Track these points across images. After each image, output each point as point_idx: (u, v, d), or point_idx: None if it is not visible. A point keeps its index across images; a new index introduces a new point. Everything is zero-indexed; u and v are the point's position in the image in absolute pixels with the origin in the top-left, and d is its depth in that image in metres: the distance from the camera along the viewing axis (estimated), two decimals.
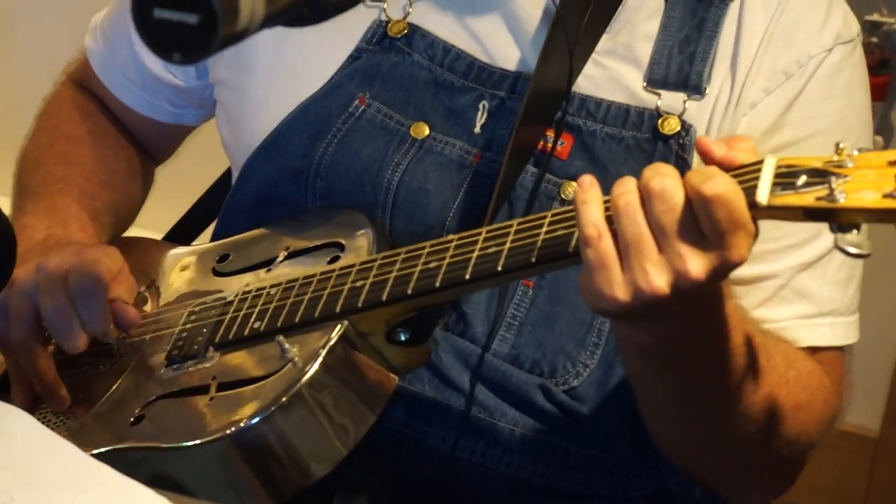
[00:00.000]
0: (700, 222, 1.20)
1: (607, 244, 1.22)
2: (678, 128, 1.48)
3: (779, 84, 1.49)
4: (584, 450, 1.50)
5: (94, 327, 1.49)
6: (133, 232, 1.78)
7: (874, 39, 2.65)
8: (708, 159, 1.24)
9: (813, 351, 1.49)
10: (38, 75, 1.94)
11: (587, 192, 1.24)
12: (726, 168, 1.22)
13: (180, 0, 1.05)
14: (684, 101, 1.49)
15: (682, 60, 1.50)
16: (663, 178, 1.21)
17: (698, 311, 1.28)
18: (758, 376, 1.37)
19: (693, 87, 1.49)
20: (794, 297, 1.49)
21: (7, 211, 1.39)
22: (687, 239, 1.20)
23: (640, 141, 1.49)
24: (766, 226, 1.25)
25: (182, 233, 1.81)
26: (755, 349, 1.37)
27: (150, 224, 1.86)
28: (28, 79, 1.85)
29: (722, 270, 1.21)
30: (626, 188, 1.23)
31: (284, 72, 1.58)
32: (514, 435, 1.48)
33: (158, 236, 1.79)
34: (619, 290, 1.22)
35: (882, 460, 3.00)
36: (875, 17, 2.67)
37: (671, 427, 1.45)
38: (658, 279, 1.20)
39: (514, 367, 1.48)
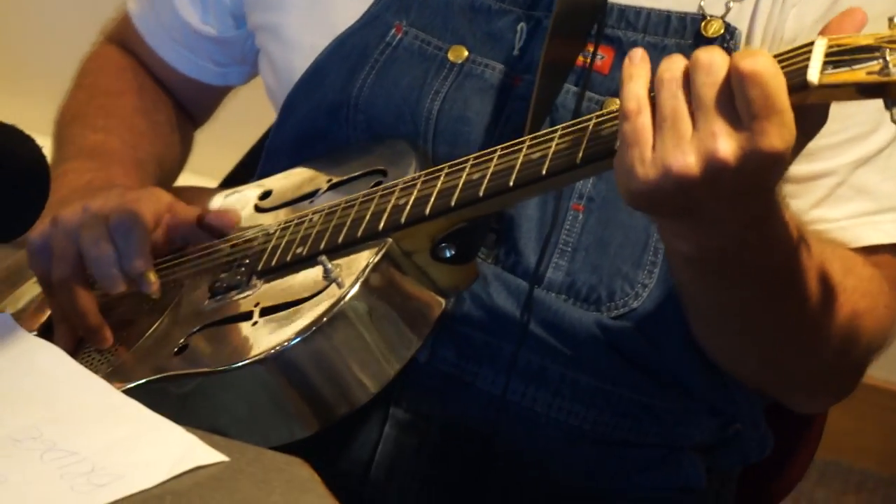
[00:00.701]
0: (736, 100, 1.16)
1: (645, 119, 1.20)
2: (722, 30, 1.44)
3: None
4: (636, 396, 1.47)
5: (129, 265, 1.45)
6: (188, 178, 1.78)
7: None
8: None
9: (870, 252, 1.44)
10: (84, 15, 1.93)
11: (636, 66, 1.22)
12: None
13: None
14: (727, 3, 1.45)
15: None
16: (712, 52, 1.18)
17: (742, 221, 1.24)
18: (814, 285, 1.33)
19: None
20: (853, 195, 1.45)
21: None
22: (722, 116, 1.17)
23: (683, 48, 1.45)
24: None
25: (238, 179, 1.79)
26: (812, 258, 1.32)
27: (207, 170, 1.84)
28: (73, 19, 1.83)
29: (752, 157, 1.17)
30: (673, 63, 1.20)
31: (318, 7, 1.56)
32: (564, 379, 1.45)
33: (215, 183, 1.78)
34: (649, 168, 1.19)
35: None
36: None
37: (720, 338, 1.42)
38: (688, 157, 1.17)
39: (569, 304, 1.44)
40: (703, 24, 1.45)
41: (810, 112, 1.19)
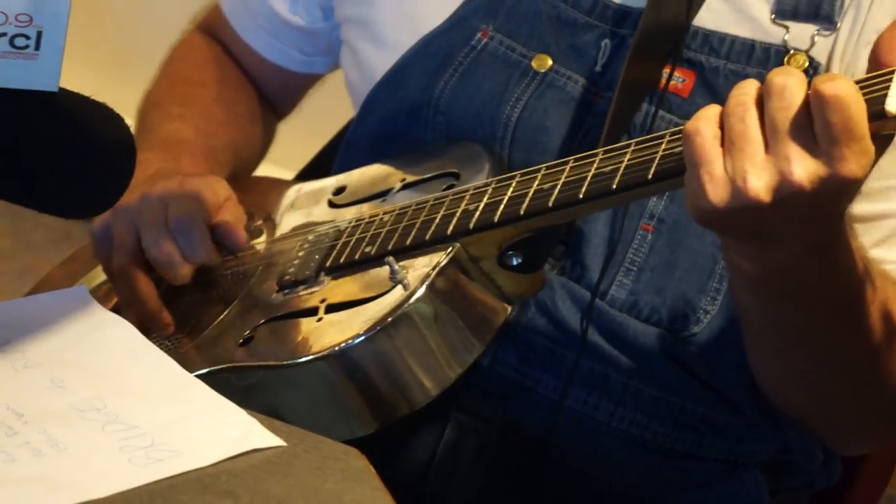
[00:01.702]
0: (814, 125, 1.16)
1: (707, 138, 1.19)
2: (806, 65, 1.44)
3: None
4: (699, 409, 1.46)
5: (195, 257, 1.49)
6: (265, 167, 1.80)
7: None
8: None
9: None
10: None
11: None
12: None
13: None
14: (813, 36, 1.45)
15: None
16: (787, 76, 1.18)
17: (809, 244, 1.24)
18: (876, 320, 1.33)
19: (825, 17, 1.45)
20: None
21: None
22: (797, 140, 1.16)
23: (765, 78, 1.45)
24: (888, 162, 1.21)
25: (315, 172, 1.80)
26: (876, 293, 1.32)
27: (284, 161, 1.87)
28: (182, 10, 1.87)
29: (828, 183, 1.16)
30: (744, 89, 1.20)
31: (406, 5, 1.58)
32: (627, 389, 1.46)
33: (291, 174, 1.80)
34: (717, 189, 1.18)
35: None
36: None
37: (773, 362, 1.41)
38: (757, 180, 1.17)
39: (632, 318, 1.45)
40: (786, 58, 1.44)
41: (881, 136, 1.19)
